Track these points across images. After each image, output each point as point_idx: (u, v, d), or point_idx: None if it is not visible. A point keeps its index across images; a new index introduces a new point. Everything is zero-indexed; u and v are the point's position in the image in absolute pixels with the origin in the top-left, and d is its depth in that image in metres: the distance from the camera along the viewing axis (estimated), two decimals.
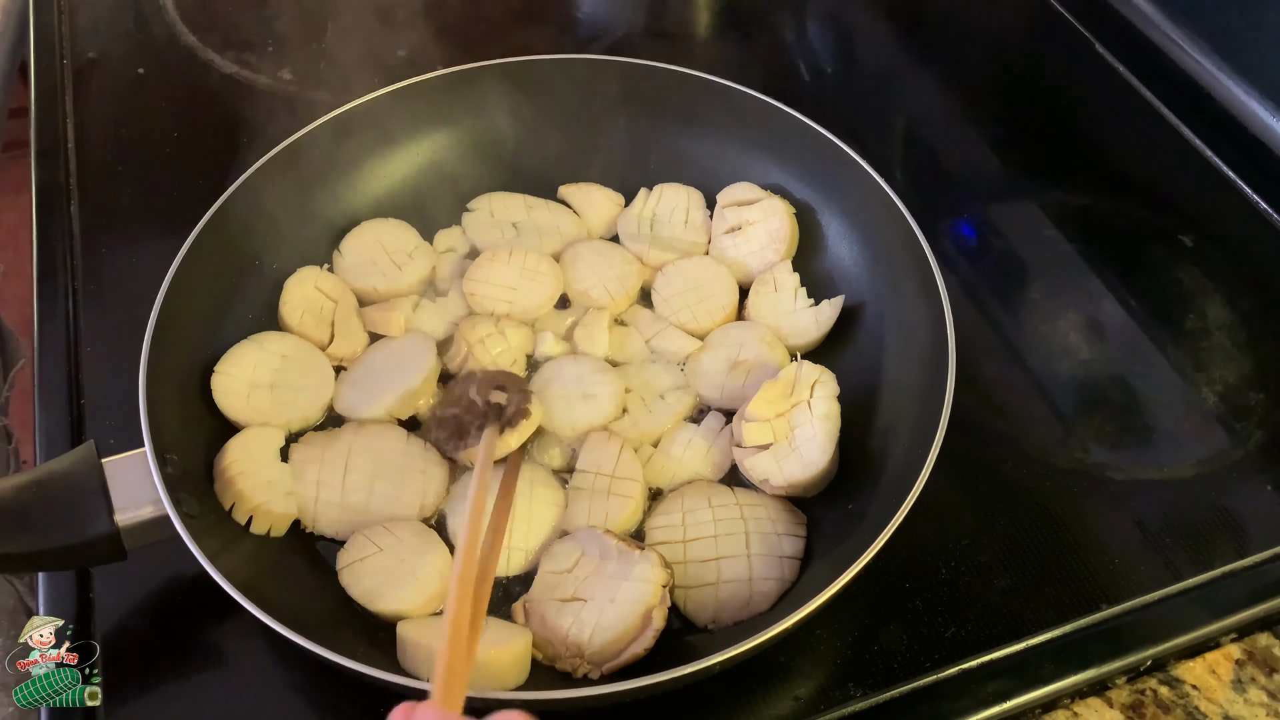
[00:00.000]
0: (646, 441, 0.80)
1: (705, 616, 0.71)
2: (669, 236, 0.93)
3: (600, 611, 0.68)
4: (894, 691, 0.70)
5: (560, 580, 0.71)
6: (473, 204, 0.96)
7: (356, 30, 1.21)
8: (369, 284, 0.89)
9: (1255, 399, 0.87)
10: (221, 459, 0.75)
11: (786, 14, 1.30)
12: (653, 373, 0.85)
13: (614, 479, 0.77)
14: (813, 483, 0.76)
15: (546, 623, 0.69)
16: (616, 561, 0.71)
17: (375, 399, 0.81)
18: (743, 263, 0.91)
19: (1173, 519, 0.79)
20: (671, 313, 0.88)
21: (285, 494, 0.74)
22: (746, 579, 0.71)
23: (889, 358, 0.83)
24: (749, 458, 0.77)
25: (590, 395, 0.81)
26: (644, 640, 0.67)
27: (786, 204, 0.92)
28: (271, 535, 0.73)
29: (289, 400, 0.80)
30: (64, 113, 1.09)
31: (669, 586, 0.70)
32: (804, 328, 0.86)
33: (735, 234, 0.92)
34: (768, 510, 0.75)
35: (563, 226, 0.94)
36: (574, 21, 1.27)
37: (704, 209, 0.95)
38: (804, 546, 0.74)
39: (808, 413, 0.77)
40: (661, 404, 0.82)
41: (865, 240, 0.89)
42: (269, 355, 0.82)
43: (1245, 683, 0.71)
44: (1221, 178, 1.04)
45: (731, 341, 0.85)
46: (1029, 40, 1.23)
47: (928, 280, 0.79)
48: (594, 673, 0.67)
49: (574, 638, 0.68)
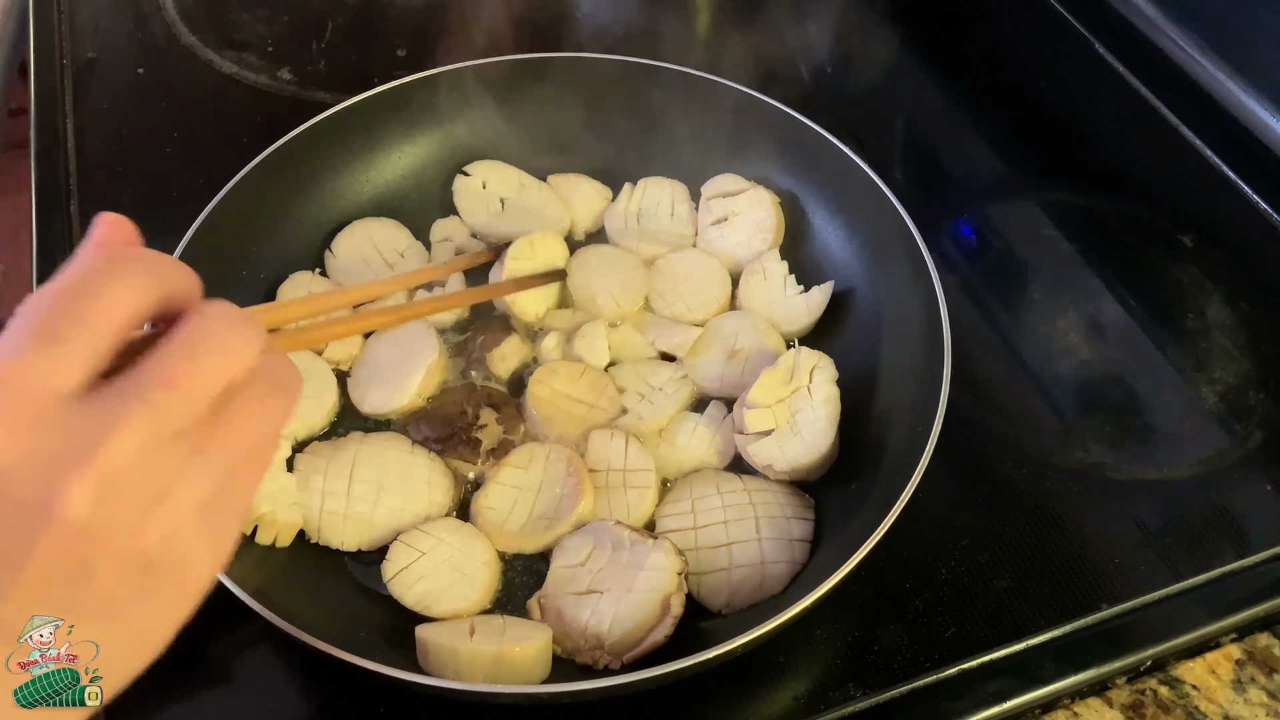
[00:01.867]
0: (651, 434, 0.81)
1: (719, 601, 0.72)
2: (656, 230, 0.94)
3: (618, 602, 0.69)
4: (894, 691, 0.69)
5: (574, 574, 0.71)
6: (470, 168, 0.96)
7: (356, 30, 1.21)
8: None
9: (1255, 399, 0.87)
10: None
11: (786, 14, 1.30)
12: (650, 366, 0.85)
13: (626, 472, 0.77)
14: (816, 466, 0.76)
15: (564, 617, 0.69)
16: (630, 552, 0.71)
17: (400, 388, 0.81)
18: (731, 253, 0.91)
19: (1173, 519, 0.79)
20: (667, 307, 0.88)
21: (290, 504, 0.74)
22: (758, 563, 0.72)
23: (885, 342, 0.83)
24: (751, 444, 0.77)
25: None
26: (664, 628, 0.67)
27: (771, 194, 0.92)
28: (277, 545, 0.73)
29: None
30: (64, 113, 1.09)
31: (684, 573, 0.70)
32: (796, 313, 0.87)
33: (722, 225, 0.92)
34: (775, 495, 0.76)
35: (548, 211, 0.94)
36: (573, 21, 1.27)
37: (689, 201, 0.95)
38: (813, 529, 0.74)
39: (808, 397, 0.78)
40: (661, 395, 0.82)
41: (854, 226, 0.90)
42: None
43: (1245, 683, 0.71)
44: (1221, 178, 1.04)
45: (727, 332, 0.86)
46: (1029, 40, 1.23)
47: (918, 263, 0.79)
48: (614, 663, 0.68)
49: (593, 630, 0.68)
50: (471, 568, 0.72)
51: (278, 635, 0.62)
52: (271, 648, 0.71)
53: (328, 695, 0.70)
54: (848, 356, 0.82)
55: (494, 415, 0.80)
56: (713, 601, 0.72)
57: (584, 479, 0.76)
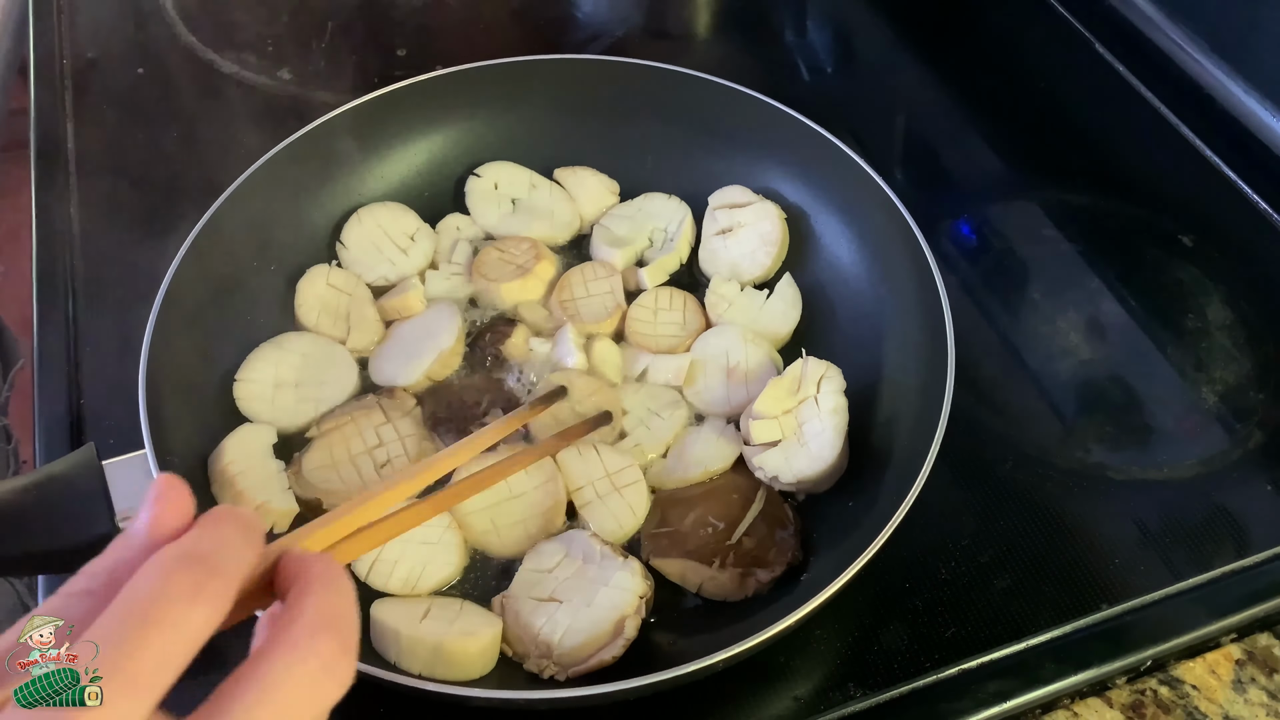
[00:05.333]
0: (648, 457, 0.80)
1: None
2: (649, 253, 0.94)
3: (574, 614, 0.68)
4: (894, 691, 0.69)
5: (540, 579, 0.71)
6: (481, 169, 0.96)
7: (356, 30, 1.21)
8: (378, 274, 0.89)
9: (1255, 399, 0.87)
10: (219, 459, 0.74)
11: (786, 14, 1.30)
12: (648, 391, 0.84)
13: (610, 476, 0.77)
14: (822, 478, 0.76)
15: (520, 619, 0.69)
16: (598, 566, 0.71)
17: (411, 364, 0.82)
18: (735, 264, 0.91)
19: (1173, 519, 0.79)
20: (655, 340, 0.87)
21: (284, 490, 0.75)
22: None
23: (888, 348, 0.83)
24: (757, 455, 0.77)
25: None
26: (613, 648, 0.67)
27: (778, 208, 0.92)
28: (275, 531, 0.73)
29: (314, 395, 0.81)
30: (64, 113, 1.09)
31: (646, 599, 0.70)
32: (775, 314, 0.87)
33: (726, 235, 0.92)
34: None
35: (557, 212, 0.94)
36: (573, 21, 1.27)
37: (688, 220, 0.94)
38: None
39: (815, 408, 0.77)
40: (659, 421, 0.82)
41: (855, 228, 0.89)
42: (289, 354, 0.82)
43: (1245, 683, 0.71)
44: (1221, 178, 1.04)
45: (717, 350, 0.85)
46: (1029, 40, 1.23)
47: (922, 267, 0.79)
48: (560, 675, 0.67)
49: (544, 637, 0.68)
50: (437, 534, 0.73)
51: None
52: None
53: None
54: (849, 363, 0.82)
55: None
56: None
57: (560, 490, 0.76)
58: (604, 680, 0.62)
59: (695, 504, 0.76)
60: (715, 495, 0.77)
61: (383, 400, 0.81)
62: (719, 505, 0.76)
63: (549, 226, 0.94)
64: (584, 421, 0.75)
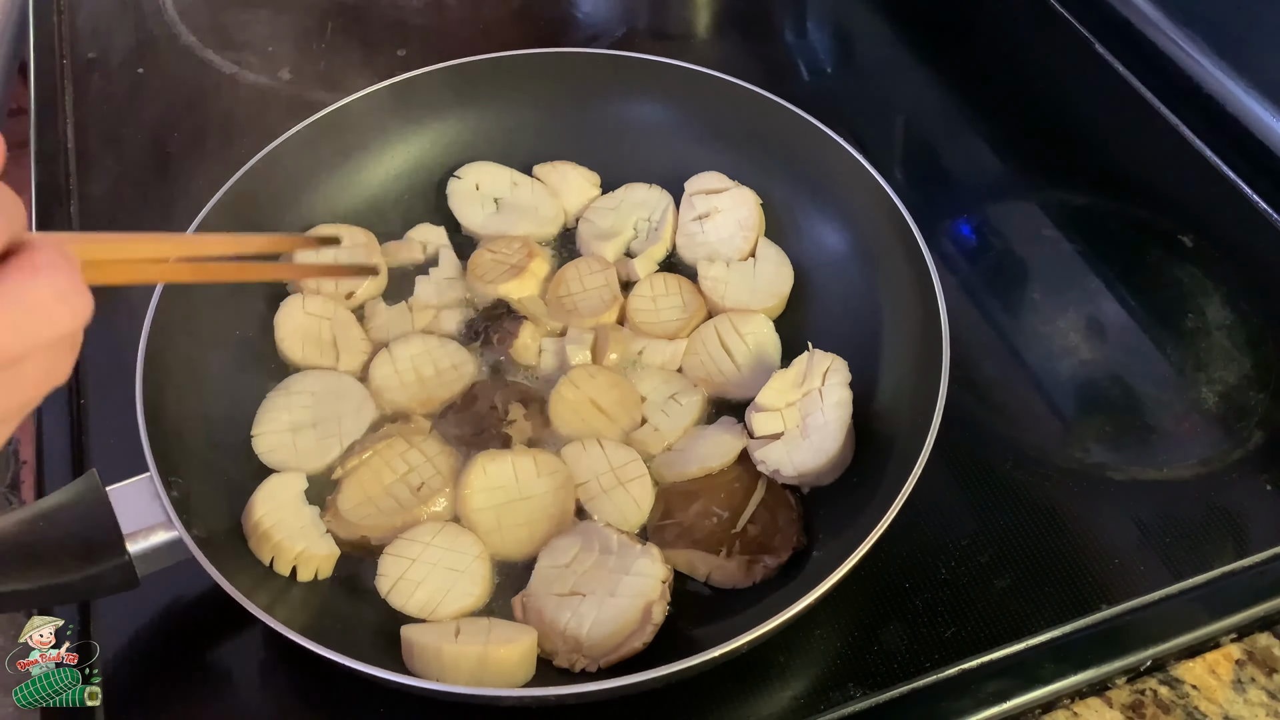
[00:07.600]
0: (665, 444, 0.80)
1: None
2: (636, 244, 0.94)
3: (599, 605, 0.68)
4: (894, 691, 0.69)
5: (559, 575, 0.71)
6: (461, 171, 0.96)
7: (356, 30, 1.21)
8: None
9: (1255, 399, 0.87)
10: (250, 515, 0.72)
11: (787, 14, 1.30)
12: (662, 378, 0.84)
13: (614, 470, 0.77)
14: (825, 470, 0.75)
15: (544, 618, 0.69)
16: (617, 556, 0.71)
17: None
18: (713, 249, 0.91)
19: (1173, 519, 0.79)
20: (661, 326, 0.87)
21: (323, 534, 0.73)
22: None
23: (884, 342, 0.83)
24: (760, 448, 0.77)
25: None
26: (643, 634, 0.67)
27: (754, 193, 0.92)
28: (319, 578, 0.72)
29: (335, 431, 0.79)
30: (64, 113, 1.09)
31: (668, 582, 0.70)
32: (770, 279, 0.87)
33: (703, 221, 0.92)
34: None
35: (541, 208, 0.94)
36: (574, 21, 1.27)
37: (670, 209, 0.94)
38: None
39: (819, 400, 0.77)
40: (677, 407, 0.82)
41: (851, 225, 0.89)
42: (297, 396, 0.80)
43: (1245, 683, 0.71)
44: (1221, 178, 1.04)
45: (712, 337, 0.85)
46: (1029, 40, 1.23)
47: (918, 263, 0.79)
48: (591, 666, 0.67)
49: (571, 631, 0.68)
50: (465, 563, 0.72)
51: (275, 638, 0.62)
52: (272, 650, 0.71)
53: (313, 687, 0.70)
54: (846, 358, 0.81)
55: (522, 411, 0.80)
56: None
57: (572, 496, 0.76)
58: (632, 670, 0.62)
59: (698, 495, 0.76)
60: (717, 485, 0.77)
61: (400, 428, 0.79)
62: (721, 495, 0.76)
63: (534, 223, 0.93)
64: (349, 265, 0.84)
